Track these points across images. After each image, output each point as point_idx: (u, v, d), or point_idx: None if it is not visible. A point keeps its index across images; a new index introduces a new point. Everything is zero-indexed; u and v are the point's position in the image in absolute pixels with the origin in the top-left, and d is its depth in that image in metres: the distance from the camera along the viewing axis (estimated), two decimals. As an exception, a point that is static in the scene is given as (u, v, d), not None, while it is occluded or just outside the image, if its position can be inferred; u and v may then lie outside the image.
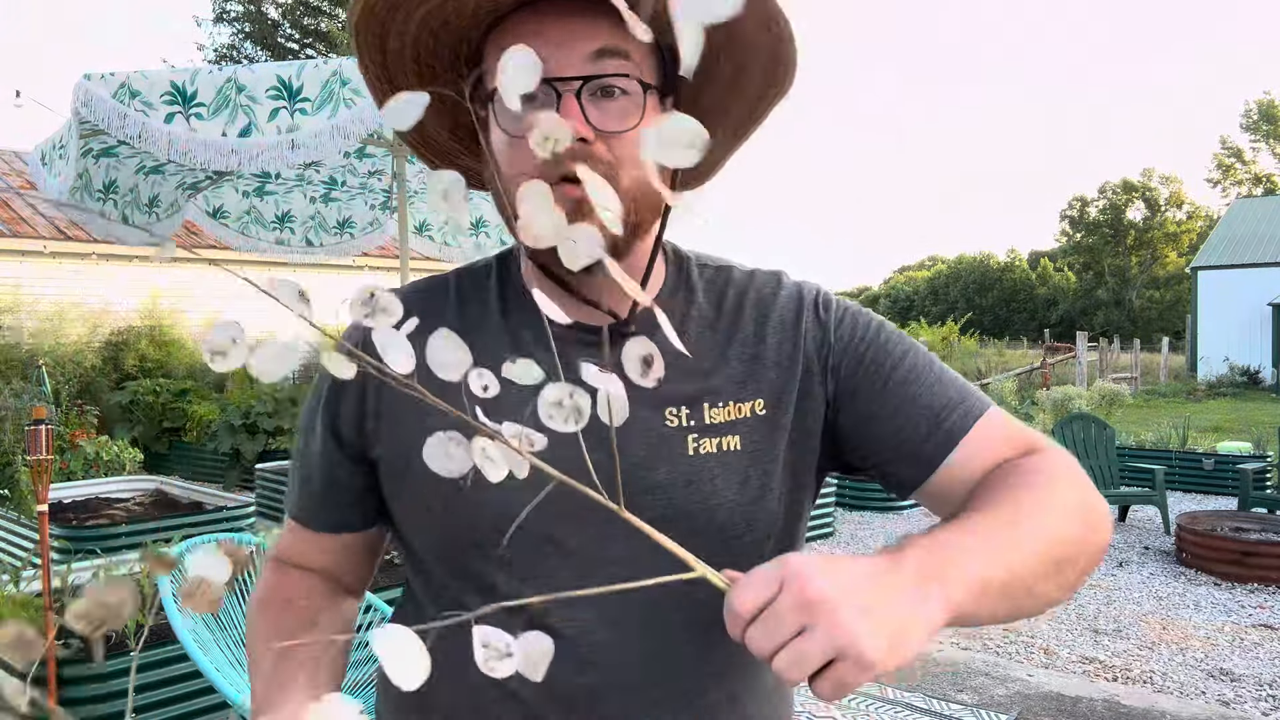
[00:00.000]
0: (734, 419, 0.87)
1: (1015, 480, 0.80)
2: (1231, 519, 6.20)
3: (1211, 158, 52.40)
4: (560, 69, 0.78)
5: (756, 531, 0.86)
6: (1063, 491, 0.79)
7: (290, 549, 1.01)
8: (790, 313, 0.91)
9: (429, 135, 0.93)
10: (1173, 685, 4.02)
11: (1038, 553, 0.74)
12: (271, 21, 23.32)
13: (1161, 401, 18.60)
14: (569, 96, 0.77)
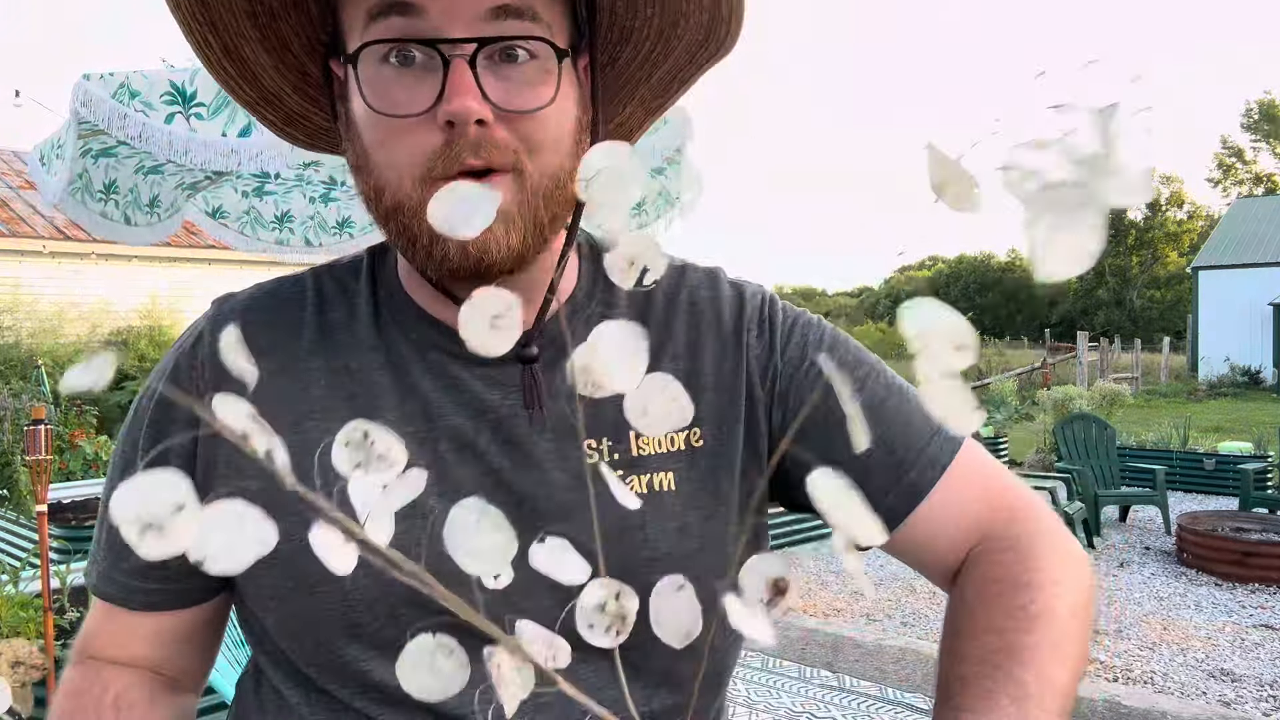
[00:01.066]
0: (667, 451, 0.70)
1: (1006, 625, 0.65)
2: (1232, 519, 6.19)
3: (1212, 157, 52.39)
4: (448, 26, 0.59)
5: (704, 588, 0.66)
6: (1059, 622, 0.65)
7: (100, 638, 0.76)
8: (730, 321, 0.75)
9: (270, 91, 0.71)
10: (1173, 685, 4.01)
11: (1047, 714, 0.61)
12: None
13: (1162, 401, 18.60)
14: (459, 63, 0.59)
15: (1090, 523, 6.55)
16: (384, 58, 0.61)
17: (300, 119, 0.74)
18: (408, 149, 0.61)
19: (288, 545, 0.62)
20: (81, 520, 5.52)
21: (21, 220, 11.51)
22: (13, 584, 3.47)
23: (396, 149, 0.62)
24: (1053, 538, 0.72)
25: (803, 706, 3.70)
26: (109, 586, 0.74)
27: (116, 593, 0.74)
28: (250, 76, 0.69)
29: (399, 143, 0.61)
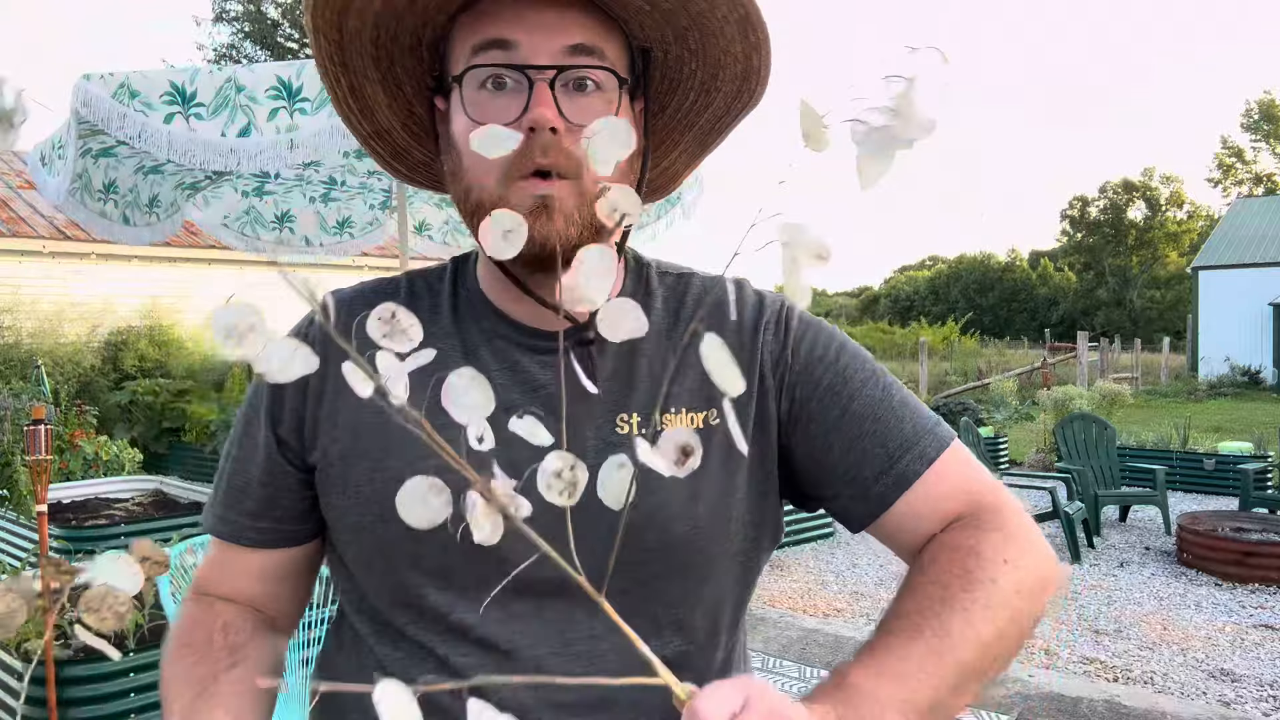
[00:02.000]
0: (694, 428, 0.81)
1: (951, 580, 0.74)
2: (1232, 519, 6.19)
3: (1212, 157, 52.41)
4: (535, 57, 0.75)
5: (711, 552, 0.82)
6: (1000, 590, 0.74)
7: (213, 576, 0.90)
8: (750, 319, 0.87)
9: (382, 126, 0.87)
10: (1174, 686, 4.01)
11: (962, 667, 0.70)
12: (271, 21, 23.32)
13: (1162, 401, 18.60)
14: (541, 85, 0.74)
15: (1090, 523, 6.54)
16: (481, 84, 0.77)
17: (404, 153, 0.90)
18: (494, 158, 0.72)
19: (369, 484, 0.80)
20: (81, 520, 5.52)
21: (21, 220, 11.51)
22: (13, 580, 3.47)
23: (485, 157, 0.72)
24: (1017, 528, 0.79)
25: (803, 706, 3.70)
26: (224, 526, 0.89)
27: (229, 531, 0.88)
28: (368, 111, 0.85)
29: None
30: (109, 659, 3.03)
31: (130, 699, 3.04)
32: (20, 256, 11.12)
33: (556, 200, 0.75)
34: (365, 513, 0.80)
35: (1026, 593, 0.75)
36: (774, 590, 5.43)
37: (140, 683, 3.07)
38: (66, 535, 5.19)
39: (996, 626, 0.72)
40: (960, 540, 0.78)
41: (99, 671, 3.01)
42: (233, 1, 23.30)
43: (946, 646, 0.69)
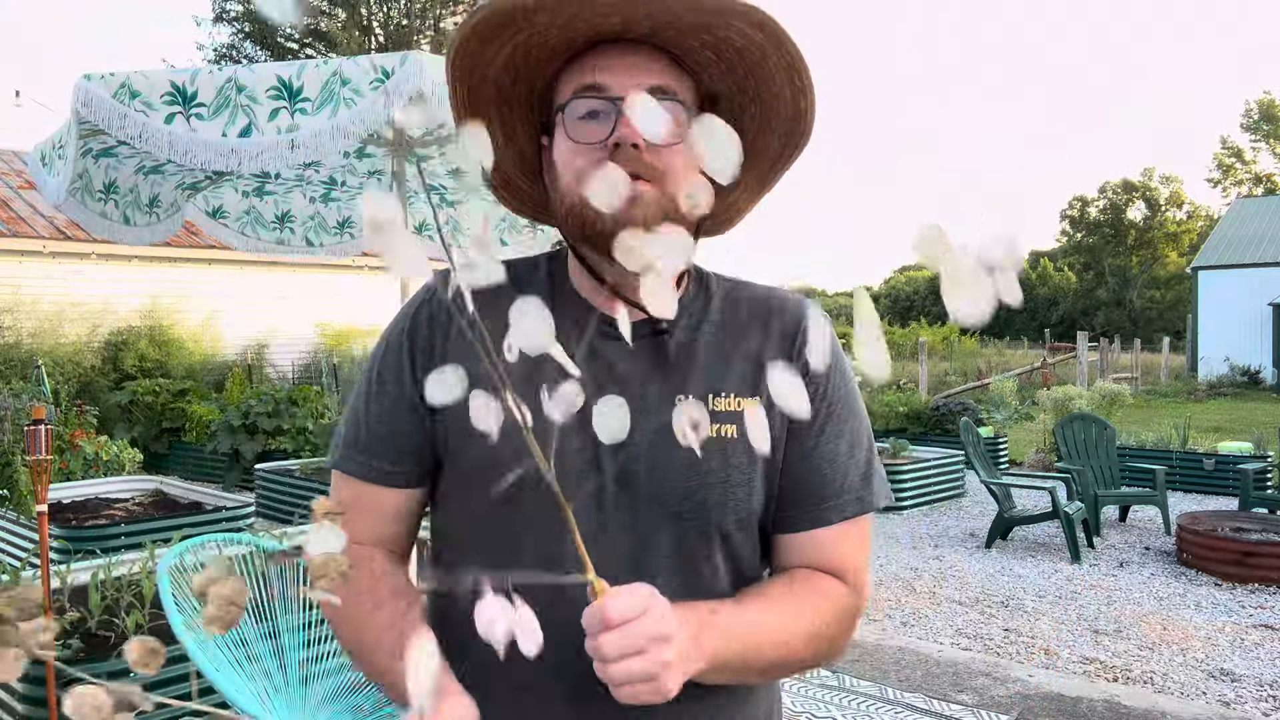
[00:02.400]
0: (735, 410, 0.99)
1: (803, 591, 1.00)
2: (1232, 519, 6.20)
3: (1211, 158, 52.40)
4: (623, 91, 0.92)
5: (739, 514, 0.99)
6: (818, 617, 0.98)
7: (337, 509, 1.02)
8: (790, 331, 1.05)
9: (497, 161, 1.04)
10: (1173, 686, 4.01)
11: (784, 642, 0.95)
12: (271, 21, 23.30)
13: (1162, 401, 18.60)
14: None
15: (1090, 523, 6.55)
16: (580, 115, 0.96)
17: (510, 182, 1.08)
18: (588, 163, 0.93)
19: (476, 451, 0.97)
20: (82, 520, 5.52)
21: (22, 220, 11.50)
22: (13, 584, 3.47)
23: (581, 164, 0.95)
24: (858, 609, 1.04)
25: (803, 706, 3.70)
26: (350, 464, 1.04)
27: (356, 470, 1.03)
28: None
29: (583, 161, 0.95)
30: (109, 659, 3.03)
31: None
32: (20, 256, 11.12)
33: (640, 194, 0.92)
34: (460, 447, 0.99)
35: (826, 645, 0.99)
36: (774, 590, 5.43)
37: (140, 683, 3.07)
38: (66, 535, 5.19)
39: (800, 651, 0.97)
40: (828, 587, 1.01)
41: (98, 672, 3.01)
42: (233, 1, 23.29)
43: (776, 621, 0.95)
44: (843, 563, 1.03)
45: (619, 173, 0.63)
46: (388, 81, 2.90)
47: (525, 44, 0.95)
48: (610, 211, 0.71)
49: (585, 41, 0.95)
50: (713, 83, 0.99)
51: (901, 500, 7.88)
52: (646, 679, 0.79)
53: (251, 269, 12.82)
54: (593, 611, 0.79)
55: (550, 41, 0.95)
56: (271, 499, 7.37)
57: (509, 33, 0.93)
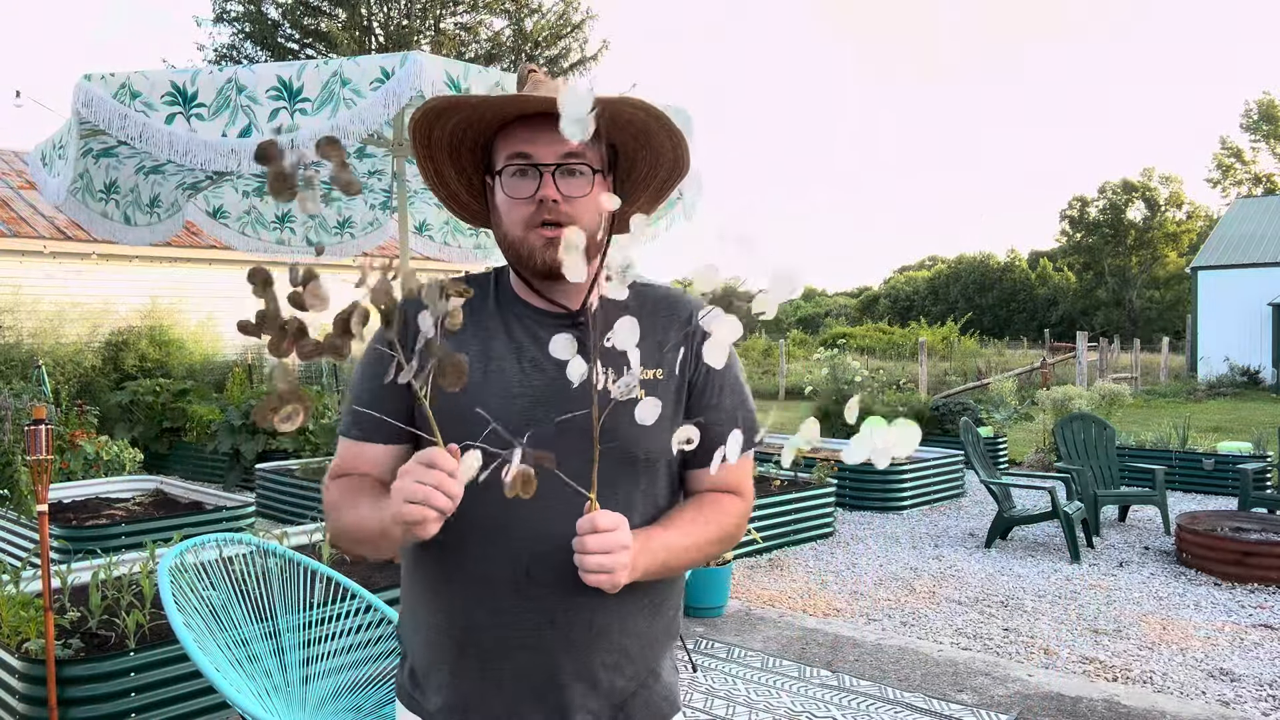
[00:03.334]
0: (643, 379, 1.31)
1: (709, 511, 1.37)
2: (1232, 519, 6.20)
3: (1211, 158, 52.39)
4: (543, 159, 1.27)
5: (649, 455, 1.32)
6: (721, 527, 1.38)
7: (342, 464, 1.36)
8: (683, 317, 1.40)
9: (453, 190, 1.41)
10: (1173, 685, 4.02)
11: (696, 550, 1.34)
12: (271, 21, 23.28)
13: (1162, 401, 18.60)
14: (547, 175, 1.27)
15: (1089, 522, 6.55)
16: (512, 173, 1.29)
17: (466, 206, 1.43)
18: (521, 214, 1.29)
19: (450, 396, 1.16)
20: (82, 520, 5.52)
21: (22, 220, 11.50)
22: (13, 584, 3.47)
23: (514, 214, 1.30)
24: (746, 513, 1.44)
25: (802, 706, 3.71)
26: (346, 429, 1.36)
27: (361, 433, 1.34)
28: (444, 182, 1.39)
29: (516, 211, 1.29)
30: (109, 659, 3.04)
31: (130, 699, 3.05)
32: (21, 256, 11.12)
33: (558, 240, 1.24)
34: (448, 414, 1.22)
35: (729, 542, 1.40)
36: (774, 590, 5.44)
37: (140, 682, 3.07)
38: (67, 535, 5.19)
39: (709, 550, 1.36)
40: (728, 503, 1.40)
41: (99, 671, 3.01)
42: (233, 2, 23.27)
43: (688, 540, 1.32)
44: (736, 484, 1.42)
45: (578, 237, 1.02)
46: (388, 82, 2.91)
47: (467, 119, 1.29)
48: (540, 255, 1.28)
49: (515, 116, 1.28)
50: (613, 139, 1.34)
51: (901, 500, 7.88)
52: (608, 571, 1.15)
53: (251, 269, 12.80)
54: (588, 518, 1.16)
55: (487, 117, 1.29)
56: (272, 499, 7.37)
57: (452, 114, 1.28)
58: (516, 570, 1.27)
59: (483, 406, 1.24)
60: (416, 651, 1.39)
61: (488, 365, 1.30)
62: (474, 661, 1.30)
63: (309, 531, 4.86)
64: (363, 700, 2.59)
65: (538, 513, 1.23)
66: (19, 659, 3.01)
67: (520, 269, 1.33)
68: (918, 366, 16.25)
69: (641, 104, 1.28)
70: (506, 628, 1.28)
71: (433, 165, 1.37)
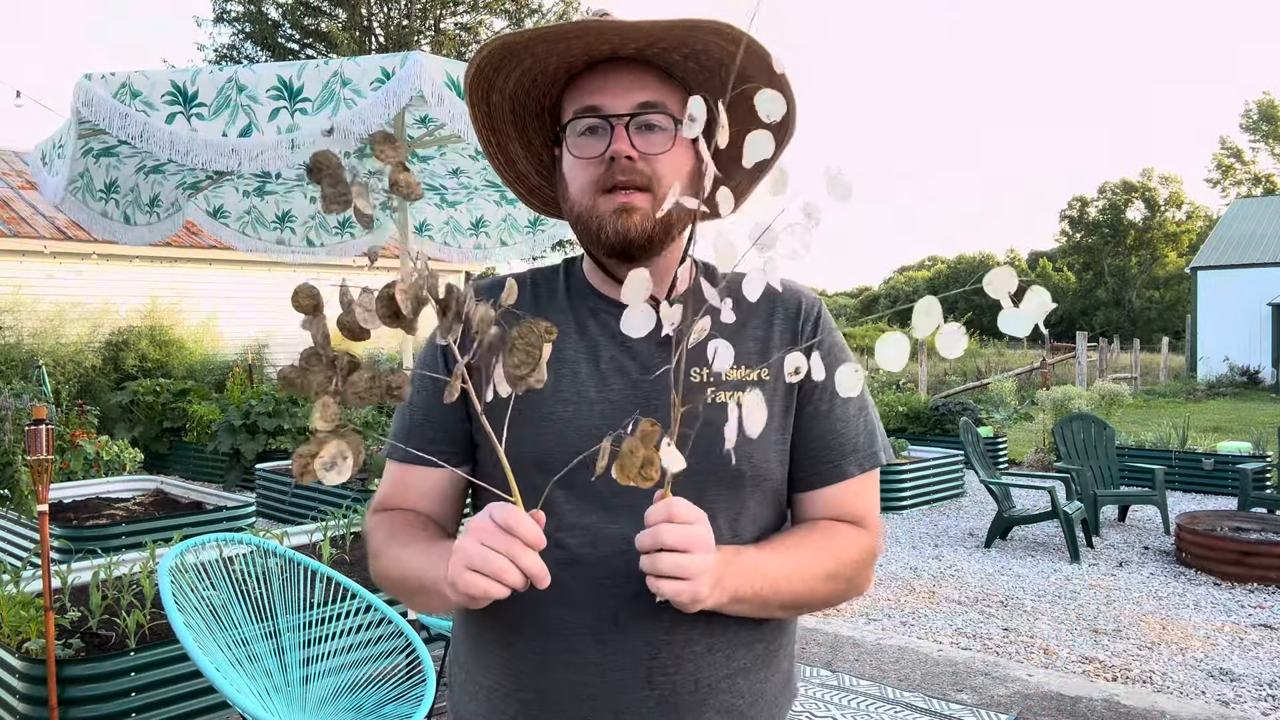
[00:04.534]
0: (745, 379, 1.11)
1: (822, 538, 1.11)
2: (1231, 519, 6.20)
3: (1211, 158, 52.37)
4: (614, 109, 1.06)
5: (756, 472, 1.09)
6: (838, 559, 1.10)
7: (393, 495, 1.18)
8: (793, 312, 1.17)
9: (521, 171, 1.21)
10: (1173, 685, 4.02)
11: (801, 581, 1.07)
12: (271, 21, 23.28)
13: (1161, 401, 18.60)
14: (619, 127, 1.06)
15: (1089, 522, 6.55)
16: (580, 132, 1.09)
17: (538, 190, 1.24)
18: (589, 176, 1.07)
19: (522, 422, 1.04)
20: (82, 520, 5.52)
21: (22, 220, 11.50)
22: (13, 584, 3.48)
23: (582, 177, 1.08)
24: (875, 553, 1.15)
25: (802, 706, 3.71)
26: (395, 450, 1.16)
27: (398, 454, 1.15)
28: (511, 161, 1.20)
29: (584, 173, 1.08)
30: (109, 659, 3.04)
31: (131, 699, 3.05)
32: (21, 256, 11.12)
33: (633, 205, 1.06)
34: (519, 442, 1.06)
35: (845, 584, 1.11)
36: (774, 590, 5.44)
37: (140, 682, 3.08)
38: (67, 535, 5.19)
39: (819, 589, 1.08)
40: (846, 532, 1.13)
41: (99, 671, 3.01)
42: (233, 2, 23.26)
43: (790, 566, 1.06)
44: (864, 512, 1.15)
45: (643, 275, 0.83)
46: (388, 82, 2.91)
47: (530, 70, 1.08)
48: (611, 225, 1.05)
49: (583, 64, 1.08)
50: (699, 89, 1.10)
51: (901, 500, 7.88)
52: (687, 576, 0.89)
53: (251, 269, 12.83)
54: (662, 505, 0.90)
55: (551, 68, 1.08)
56: (272, 499, 7.37)
57: (512, 63, 1.07)
58: (601, 618, 1.03)
59: (553, 418, 1.06)
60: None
61: (559, 370, 1.10)
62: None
63: (309, 531, 4.86)
64: (363, 700, 2.59)
65: (624, 546, 1.00)
66: (19, 659, 3.01)
67: (591, 247, 1.12)
68: (917, 366, 16.25)
69: (729, 29, 1.01)
70: (591, 688, 1.04)
71: (495, 139, 1.16)
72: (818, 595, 1.08)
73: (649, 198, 1.06)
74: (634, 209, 1.05)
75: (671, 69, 1.10)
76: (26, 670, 2.98)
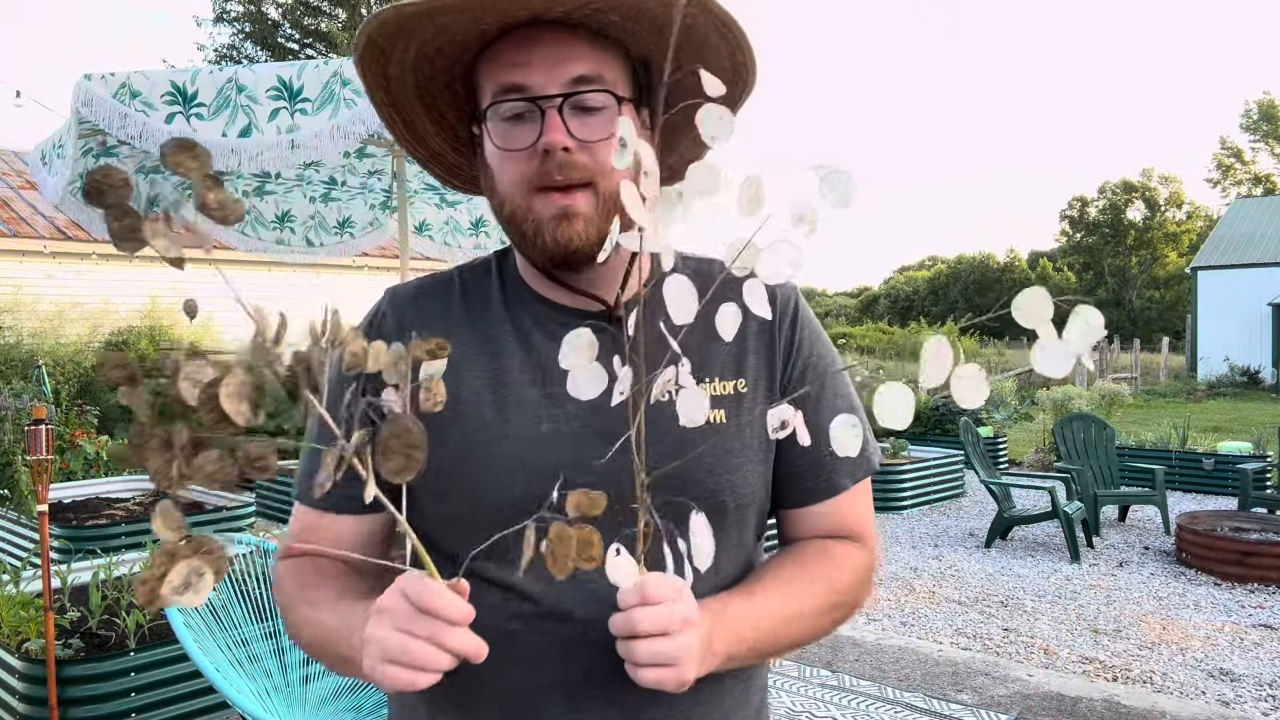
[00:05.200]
0: (720, 395, 0.96)
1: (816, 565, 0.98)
2: (1231, 519, 6.20)
3: (1211, 158, 52.39)
4: (543, 87, 0.88)
5: (740, 500, 0.96)
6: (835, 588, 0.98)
7: (297, 539, 1.01)
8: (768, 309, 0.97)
9: (435, 150, 1.03)
10: (1173, 685, 4.02)
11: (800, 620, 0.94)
12: (271, 21, 23.30)
13: (1162, 401, 18.60)
14: (552, 112, 0.88)
15: (1089, 523, 6.55)
16: (504, 117, 0.90)
17: (456, 169, 1.06)
18: (519, 172, 0.90)
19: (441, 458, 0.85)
20: (82, 520, 5.52)
21: (22, 220, 11.50)
22: (13, 584, 3.47)
23: (510, 173, 0.90)
24: (873, 564, 1.04)
25: (802, 706, 3.71)
26: (308, 494, 0.98)
27: (329, 502, 0.97)
28: (421, 139, 1.01)
29: (512, 169, 0.90)
30: (109, 659, 3.03)
31: (130, 699, 3.05)
32: (21, 256, 11.12)
33: (575, 209, 0.89)
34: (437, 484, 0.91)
35: (845, 611, 0.99)
36: (774, 590, 5.44)
37: (140, 682, 3.07)
38: (67, 535, 5.19)
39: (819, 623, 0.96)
40: (840, 553, 1.00)
41: (99, 671, 3.01)
42: (233, 2, 23.28)
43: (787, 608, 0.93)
44: (859, 525, 1.03)
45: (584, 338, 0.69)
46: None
47: (433, 41, 0.89)
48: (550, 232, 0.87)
49: (497, 31, 0.89)
50: (642, 48, 0.93)
51: (901, 500, 7.88)
52: (671, 662, 0.78)
53: (251, 269, 12.82)
54: (634, 588, 0.78)
55: (459, 37, 0.89)
56: (271, 499, 7.37)
57: (407, 37, 0.88)
58: (568, 674, 0.90)
59: (499, 455, 0.91)
60: None
61: (505, 398, 0.93)
62: None
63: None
64: (363, 700, 2.59)
65: (593, 593, 0.87)
66: (19, 659, 3.01)
67: (527, 252, 0.94)
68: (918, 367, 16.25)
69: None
70: None
71: (400, 116, 0.97)
72: (818, 630, 0.97)
73: (592, 198, 0.89)
74: (576, 214, 0.88)
75: (606, 29, 0.90)
76: (26, 670, 2.98)
